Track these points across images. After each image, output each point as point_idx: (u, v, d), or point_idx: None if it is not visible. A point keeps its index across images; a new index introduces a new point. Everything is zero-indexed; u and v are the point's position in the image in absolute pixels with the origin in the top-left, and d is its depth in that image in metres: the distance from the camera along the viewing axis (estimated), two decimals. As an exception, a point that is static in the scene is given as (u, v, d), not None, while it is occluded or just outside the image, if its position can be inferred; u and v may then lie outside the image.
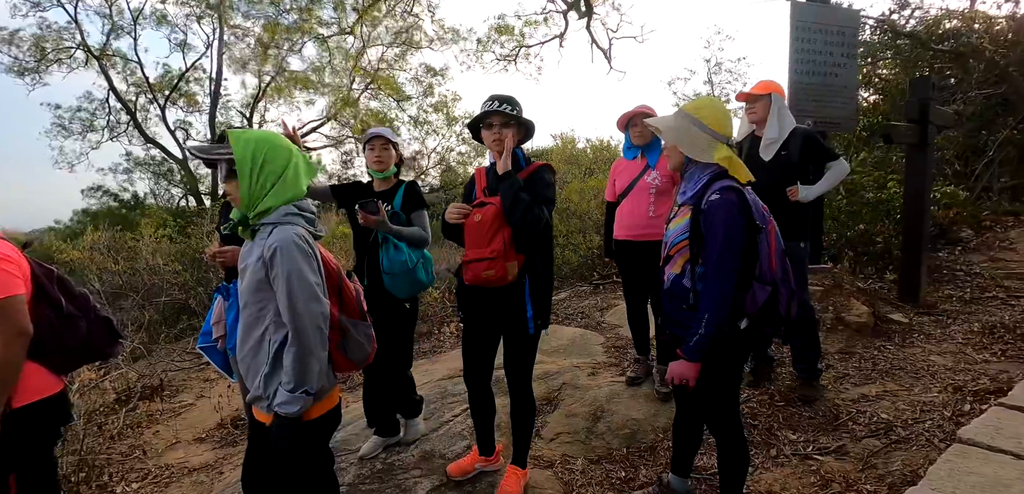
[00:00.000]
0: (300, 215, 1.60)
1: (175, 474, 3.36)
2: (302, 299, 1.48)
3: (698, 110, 1.87)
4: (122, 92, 13.67)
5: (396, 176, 2.76)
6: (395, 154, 2.71)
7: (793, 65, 4.15)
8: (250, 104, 14.64)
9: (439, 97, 15.46)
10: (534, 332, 2.20)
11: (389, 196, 2.65)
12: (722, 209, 1.71)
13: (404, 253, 2.49)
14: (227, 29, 13.56)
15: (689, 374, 1.76)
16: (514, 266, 2.10)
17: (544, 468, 2.63)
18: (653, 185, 3.02)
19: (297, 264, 1.49)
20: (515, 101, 2.23)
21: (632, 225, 3.06)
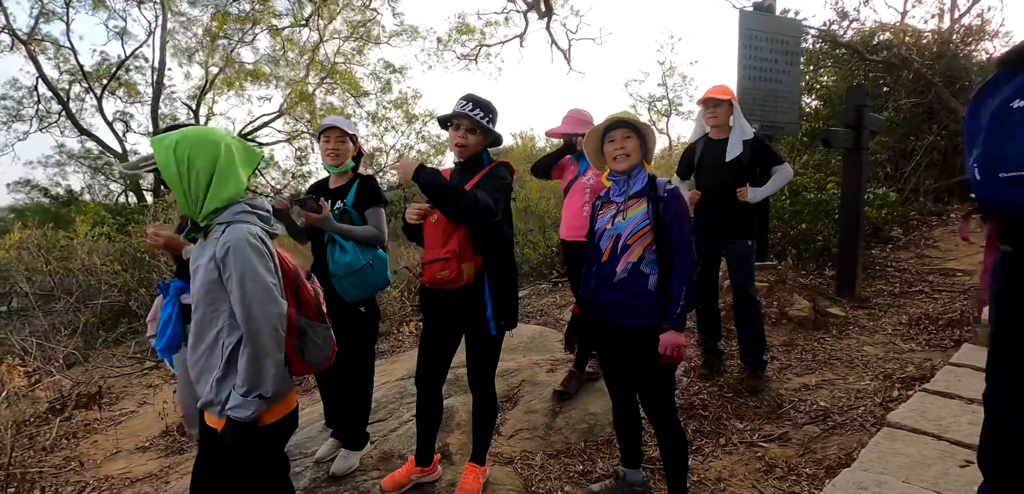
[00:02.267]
0: (253, 213, 1.52)
1: (115, 485, 3.19)
2: (257, 300, 1.42)
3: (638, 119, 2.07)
4: (53, 80, 12.77)
5: (354, 171, 2.62)
6: (352, 147, 2.57)
7: (741, 71, 4.34)
8: (197, 96, 13.97)
9: (399, 94, 15.25)
10: (496, 332, 2.17)
11: (344, 192, 2.53)
12: (681, 196, 1.96)
13: (349, 254, 2.35)
14: (171, 16, 12.89)
15: (682, 341, 1.90)
16: (470, 267, 2.06)
17: (504, 464, 2.66)
18: (587, 185, 3.04)
19: (251, 263, 1.42)
20: (489, 107, 2.18)
21: (578, 227, 3.02)
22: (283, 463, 1.70)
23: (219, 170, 1.47)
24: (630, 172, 2.03)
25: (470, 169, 2.17)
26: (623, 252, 1.97)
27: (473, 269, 2.08)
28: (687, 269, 1.91)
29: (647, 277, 1.95)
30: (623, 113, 2.06)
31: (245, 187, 1.53)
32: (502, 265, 2.17)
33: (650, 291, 1.94)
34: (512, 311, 2.22)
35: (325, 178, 2.67)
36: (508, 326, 2.21)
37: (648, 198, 1.96)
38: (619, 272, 1.97)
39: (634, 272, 1.96)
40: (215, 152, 1.47)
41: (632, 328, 1.97)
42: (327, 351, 1.67)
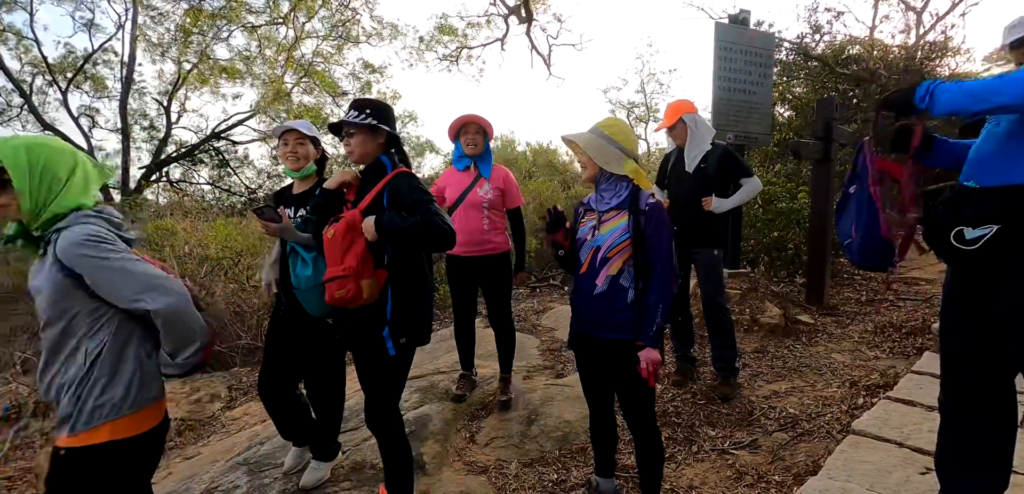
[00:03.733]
0: (98, 217, 1.44)
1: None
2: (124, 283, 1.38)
3: (609, 128, 2.02)
4: (14, 72, 12.27)
5: (317, 175, 2.49)
6: (314, 150, 2.44)
7: (716, 82, 4.42)
8: (168, 92, 13.60)
9: (378, 94, 15.07)
10: (396, 352, 1.93)
11: (307, 198, 2.39)
12: (662, 211, 1.95)
13: (309, 266, 2.21)
14: (142, 10, 12.52)
15: (658, 358, 1.90)
16: (371, 284, 1.87)
17: (478, 473, 2.65)
18: (486, 198, 3.01)
19: (106, 248, 1.37)
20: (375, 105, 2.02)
21: (468, 241, 2.98)
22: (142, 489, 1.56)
23: (73, 181, 1.44)
24: (597, 183, 2.02)
25: (372, 177, 2.01)
26: (603, 265, 1.96)
27: (375, 286, 1.89)
28: (664, 284, 1.91)
29: (627, 290, 1.94)
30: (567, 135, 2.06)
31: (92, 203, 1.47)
32: (411, 276, 1.98)
33: (630, 304, 1.94)
34: (418, 325, 1.99)
35: (289, 184, 2.56)
36: (412, 342, 1.99)
37: (629, 211, 1.95)
38: (599, 285, 1.96)
39: (614, 285, 1.95)
40: (73, 164, 1.45)
41: (613, 342, 1.96)
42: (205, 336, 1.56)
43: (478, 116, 3.03)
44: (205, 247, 7.15)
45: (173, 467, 3.27)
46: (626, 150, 1.98)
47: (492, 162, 3.11)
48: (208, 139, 14.33)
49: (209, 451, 3.35)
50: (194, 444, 3.59)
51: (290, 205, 2.42)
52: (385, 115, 2.04)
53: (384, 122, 2.01)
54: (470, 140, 3.02)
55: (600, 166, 1.98)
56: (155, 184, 13.74)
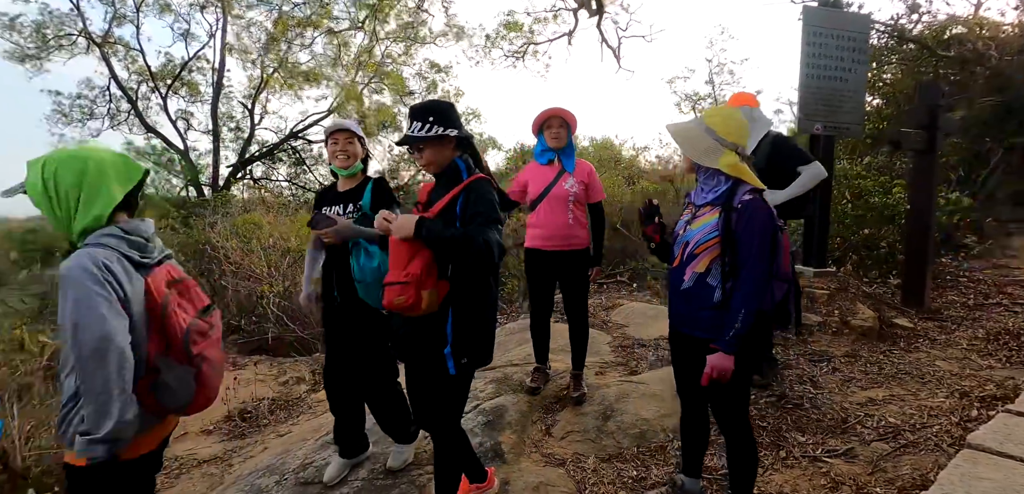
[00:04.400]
0: (122, 238, 1.41)
1: (185, 465, 3.37)
2: (84, 331, 1.29)
3: (711, 117, 1.94)
4: (123, 80, 13.62)
5: (363, 173, 2.55)
6: (360, 148, 2.50)
7: (804, 69, 4.16)
8: (252, 95, 14.60)
9: (442, 93, 15.43)
10: (456, 372, 1.87)
11: (356, 195, 2.46)
12: (758, 209, 1.81)
13: (376, 258, 2.23)
14: (231, 19, 13.52)
15: (728, 366, 1.78)
16: (432, 294, 1.80)
17: (556, 465, 2.65)
18: (571, 192, 2.98)
19: (81, 291, 1.31)
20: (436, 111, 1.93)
21: (551, 235, 2.98)
22: None
23: (87, 187, 1.40)
24: (698, 174, 1.95)
25: (446, 182, 1.95)
26: (689, 261, 1.90)
27: (436, 297, 1.82)
28: (751, 289, 1.77)
29: (714, 289, 1.86)
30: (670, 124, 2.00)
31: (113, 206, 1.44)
32: (474, 293, 1.88)
33: (715, 304, 1.85)
34: (480, 346, 1.92)
35: (331, 185, 2.61)
36: (473, 364, 1.91)
37: (722, 207, 1.85)
38: (686, 281, 1.91)
39: (700, 283, 1.88)
40: (81, 169, 1.41)
41: (698, 339, 1.90)
42: (185, 396, 1.49)
43: (562, 109, 3.01)
44: (286, 240, 7.60)
45: (267, 442, 3.51)
46: (726, 142, 1.87)
47: (575, 156, 3.08)
48: (286, 139, 15.25)
49: (299, 430, 3.58)
50: (284, 422, 3.84)
51: (337, 203, 2.48)
52: (448, 117, 1.93)
53: (450, 125, 1.91)
54: (554, 134, 3.01)
55: (691, 159, 1.92)
56: (240, 181, 14.79)
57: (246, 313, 6.45)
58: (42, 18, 12.47)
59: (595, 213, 3.14)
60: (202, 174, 14.23)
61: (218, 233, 7.78)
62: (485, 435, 2.81)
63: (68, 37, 12.81)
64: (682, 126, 1.99)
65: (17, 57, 12.53)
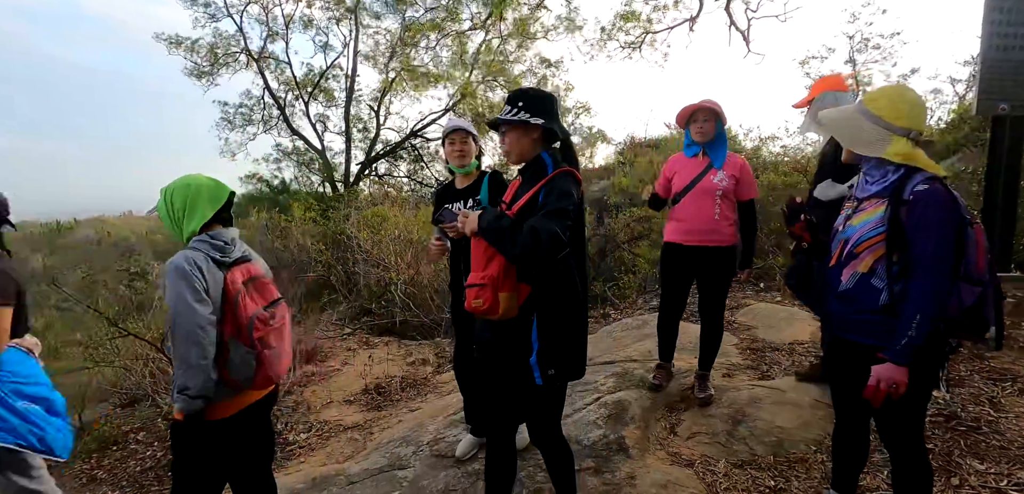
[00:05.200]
0: (209, 243, 1.84)
1: (332, 430, 3.79)
2: (177, 312, 1.70)
3: (873, 101, 1.71)
4: (274, 90, 15.48)
5: (478, 169, 2.66)
6: (475, 146, 2.61)
7: (987, 39, 3.57)
8: (378, 98, 15.84)
9: (552, 88, 15.52)
10: (543, 382, 1.77)
11: (474, 190, 2.57)
12: (935, 200, 1.57)
13: None
14: (362, 29, 14.77)
15: (899, 378, 1.59)
16: (510, 298, 1.72)
17: (684, 466, 2.58)
18: (720, 187, 2.86)
19: (177, 283, 1.71)
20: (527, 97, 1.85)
21: (695, 229, 2.90)
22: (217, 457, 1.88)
23: (189, 206, 1.88)
24: (863, 163, 1.75)
25: (530, 177, 1.84)
26: (849, 260, 1.71)
27: (515, 301, 1.73)
28: (927, 291, 1.54)
29: (879, 291, 1.65)
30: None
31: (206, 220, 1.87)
32: (558, 299, 1.76)
33: (880, 308, 1.65)
34: (569, 357, 1.79)
35: (449, 183, 2.73)
36: (561, 376, 1.78)
37: (890, 200, 1.63)
38: (844, 281, 1.72)
39: (862, 284, 1.68)
40: (185, 193, 1.88)
41: (858, 345, 1.71)
42: (247, 373, 1.82)
43: (710, 101, 2.90)
44: (410, 232, 8.17)
45: (400, 416, 3.83)
46: (896, 127, 1.64)
47: (727, 149, 2.95)
48: (407, 138, 16.32)
49: (428, 407, 3.85)
50: (414, 399, 4.16)
51: (457, 199, 2.59)
52: (540, 106, 1.83)
53: (539, 114, 1.81)
54: (699, 127, 2.91)
55: (855, 151, 1.72)
56: (367, 178, 16.13)
57: (376, 297, 7.06)
58: (214, 40, 14.61)
59: (746, 211, 2.98)
60: (335, 171, 15.74)
61: (351, 224, 8.58)
62: (608, 428, 2.81)
63: (233, 55, 14.87)
64: (839, 115, 1.78)
65: (195, 74, 14.78)
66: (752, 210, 2.98)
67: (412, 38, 13.89)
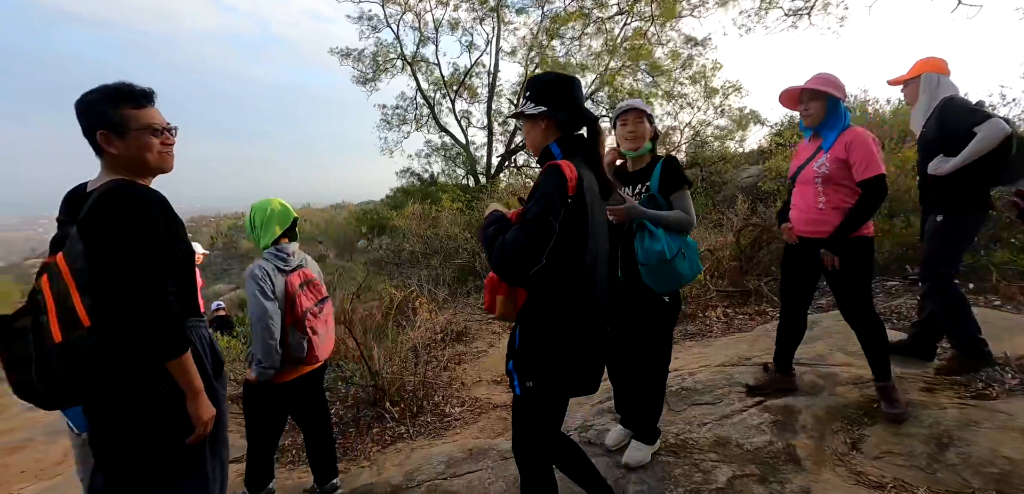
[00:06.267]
0: (274, 255, 2.50)
1: (483, 407, 4.02)
2: (252, 306, 2.38)
3: None
4: (425, 90, 16.82)
5: (651, 153, 2.50)
6: (649, 128, 2.45)
7: None
8: (517, 92, 16.32)
9: (698, 67, 14.56)
10: (521, 393, 1.68)
11: (644, 176, 2.42)
12: None
13: (661, 241, 2.21)
14: (503, 26, 15.34)
15: None
16: (506, 302, 1.67)
17: (871, 488, 2.25)
18: (819, 172, 2.59)
19: (251, 283, 2.40)
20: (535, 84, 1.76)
21: (801, 219, 2.70)
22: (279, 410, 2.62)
23: (263, 224, 2.53)
24: None
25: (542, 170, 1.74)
26: None
27: (512, 305, 1.68)
28: None
29: None
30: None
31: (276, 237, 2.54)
32: (542, 307, 1.64)
33: None
34: (547, 370, 1.64)
35: (620, 165, 2.59)
36: (538, 388, 1.66)
37: None
38: None
39: None
40: (263, 215, 2.53)
41: None
42: (301, 352, 2.46)
43: (816, 79, 2.58)
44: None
45: (546, 400, 3.93)
46: None
47: (843, 128, 2.57)
48: (545, 129, 16.62)
49: (572, 394, 3.89)
50: (558, 385, 4.23)
51: (626, 184, 2.48)
52: (544, 92, 1.73)
53: (541, 101, 1.72)
54: (805, 109, 2.64)
55: None
56: (507, 169, 16.77)
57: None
58: (376, 50, 16.32)
59: (864, 191, 2.52)
60: (478, 164, 16.61)
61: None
62: (774, 434, 2.57)
63: (391, 61, 16.47)
64: None
65: (360, 81, 16.69)
66: (871, 189, 2.49)
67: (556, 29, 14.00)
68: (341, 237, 16.09)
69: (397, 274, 9.11)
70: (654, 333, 2.44)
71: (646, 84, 14.79)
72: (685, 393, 3.18)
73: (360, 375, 4.12)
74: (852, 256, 2.57)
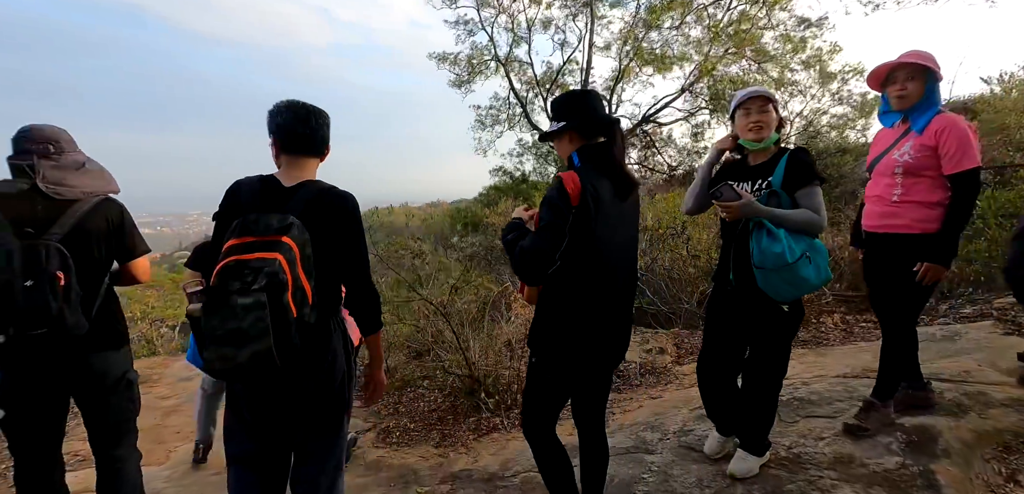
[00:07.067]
0: None
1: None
2: None
3: None
4: (518, 90, 17.05)
5: (777, 145, 2.24)
6: (776, 117, 2.20)
7: None
8: (610, 86, 16.01)
9: (811, 52, 13.29)
10: (528, 369, 1.97)
11: (766, 170, 2.18)
12: None
13: (781, 242, 1.99)
14: (597, 21, 15.12)
15: None
16: (532, 289, 1.92)
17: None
18: (900, 161, 2.28)
19: None
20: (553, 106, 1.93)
21: (874, 212, 2.42)
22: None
23: None
24: None
25: None
26: None
27: (536, 293, 1.90)
28: None
29: None
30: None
31: None
32: (553, 295, 1.82)
33: None
34: (550, 344, 1.84)
35: (739, 158, 2.37)
36: (540, 363, 1.90)
37: None
38: None
39: None
40: None
41: None
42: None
43: (914, 53, 2.23)
44: (643, 219, 8.07)
45: (641, 402, 3.83)
46: None
47: (935, 112, 2.22)
48: (638, 124, 16.12)
49: (669, 397, 3.76)
50: (654, 387, 4.10)
51: (746, 179, 2.25)
52: (564, 109, 1.89)
53: (560, 117, 1.88)
54: (899, 89, 2.28)
55: None
56: (598, 166, 16.52)
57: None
58: (471, 52, 16.83)
59: (956, 187, 2.17)
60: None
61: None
62: (909, 456, 2.30)
63: (485, 62, 16.90)
64: None
65: (456, 84, 17.30)
66: (963, 187, 2.14)
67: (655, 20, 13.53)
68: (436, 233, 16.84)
69: (491, 270, 9.35)
70: (768, 342, 2.24)
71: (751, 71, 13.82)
72: (798, 403, 2.95)
73: (457, 364, 4.29)
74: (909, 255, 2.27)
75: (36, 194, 1.92)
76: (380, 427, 3.98)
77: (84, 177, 2.05)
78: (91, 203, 2.02)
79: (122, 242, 2.11)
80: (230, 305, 1.43)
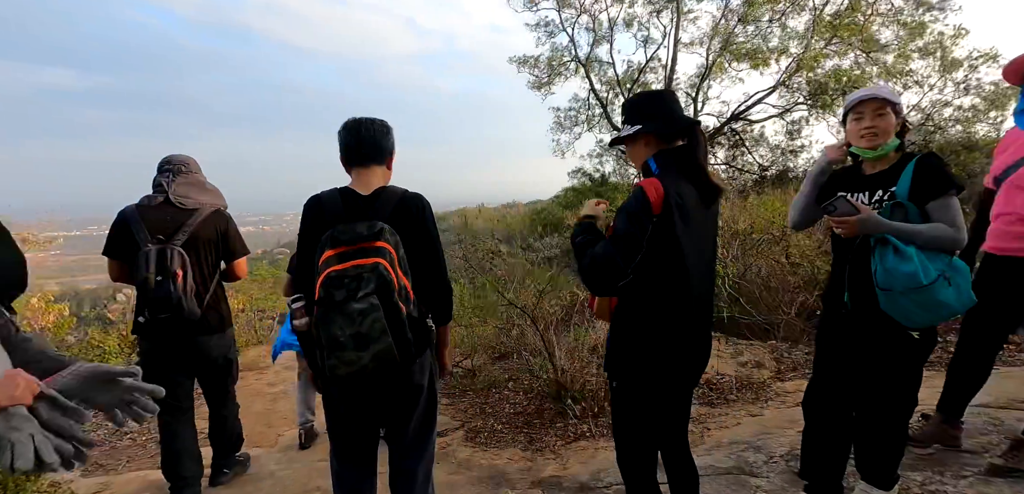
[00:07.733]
0: None
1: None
2: None
3: None
4: (598, 90, 16.79)
5: (899, 151, 1.94)
6: (896, 121, 1.91)
7: None
8: (696, 84, 15.32)
9: (933, 37, 11.89)
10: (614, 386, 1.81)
11: (888, 179, 1.90)
12: None
13: (913, 261, 1.71)
14: (682, 17, 14.53)
15: None
16: (602, 302, 1.80)
17: None
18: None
19: None
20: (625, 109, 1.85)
21: (1002, 231, 2.14)
22: None
23: None
24: None
25: None
26: None
27: (607, 306, 1.78)
28: None
29: None
30: None
31: None
32: (631, 312, 1.72)
33: None
34: (631, 367, 1.73)
35: (852, 165, 2.09)
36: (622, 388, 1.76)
37: None
38: None
39: None
40: None
41: None
42: None
43: None
44: (735, 222, 7.62)
45: (739, 418, 3.61)
46: None
47: None
48: (726, 122, 15.29)
49: (771, 416, 3.51)
50: (753, 403, 3.85)
51: (861, 190, 1.96)
52: (638, 111, 1.79)
53: (635, 120, 1.76)
54: None
55: None
56: (682, 167, 15.85)
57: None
58: (551, 54, 16.81)
59: None
60: (651, 164, 16.03)
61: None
62: None
63: (565, 64, 16.81)
64: None
65: (536, 86, 17.34)
66: None
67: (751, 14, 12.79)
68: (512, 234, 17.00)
69: (570, 273, 9.27)
70: (894, 372, 1.95)
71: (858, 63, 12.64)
72: (929, 434, 2.63)
73: (542, 367, 4.28)
74: None
75: (168, 206, 2.57)
76: (468, 426, 4.06)
77: (203, 194, 2.68)
78: (205, 213, 2.62)
79: (227, 246, 2.74)
80: (346, 313, 1.53)
